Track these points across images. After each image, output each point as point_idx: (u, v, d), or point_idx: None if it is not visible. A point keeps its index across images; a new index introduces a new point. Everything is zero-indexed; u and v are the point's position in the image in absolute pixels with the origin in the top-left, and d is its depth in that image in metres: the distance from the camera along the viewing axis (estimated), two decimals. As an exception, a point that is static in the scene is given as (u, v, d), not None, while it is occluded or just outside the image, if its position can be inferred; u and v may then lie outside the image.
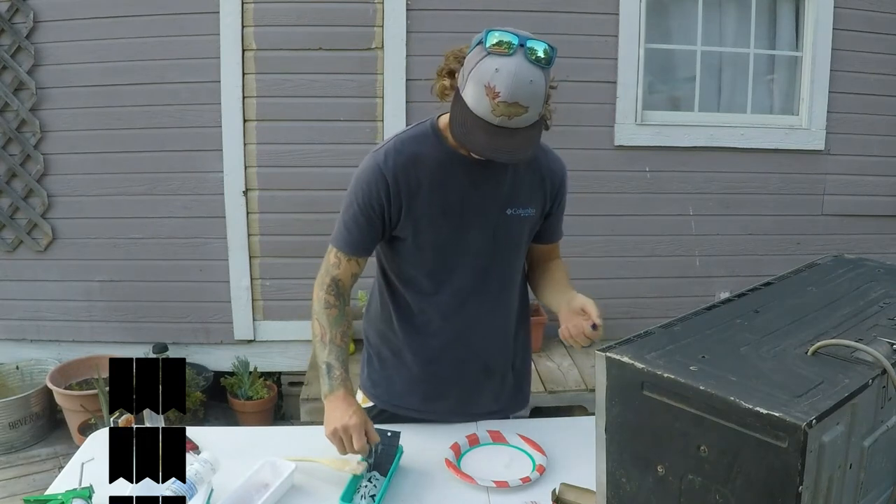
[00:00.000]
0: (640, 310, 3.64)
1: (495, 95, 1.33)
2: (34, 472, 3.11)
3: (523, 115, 1.36)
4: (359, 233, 1.57)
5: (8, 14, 3.23)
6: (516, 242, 1.65)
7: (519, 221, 1.61)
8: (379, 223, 1.56)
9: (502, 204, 1.58)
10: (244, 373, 3.45)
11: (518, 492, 1.48)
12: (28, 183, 3.38)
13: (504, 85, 1.32)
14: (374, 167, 1.53)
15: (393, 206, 1.54)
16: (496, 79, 1.32)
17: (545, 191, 1.63)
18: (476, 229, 1.58)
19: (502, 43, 1.34)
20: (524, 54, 1.34)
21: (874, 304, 1.04)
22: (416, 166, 1.54)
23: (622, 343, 0.93)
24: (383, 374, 1.73)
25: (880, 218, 3.72)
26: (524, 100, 1.34)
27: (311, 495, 1.47)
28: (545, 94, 1.39)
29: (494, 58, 1.34)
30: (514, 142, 1.38)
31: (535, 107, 1.36)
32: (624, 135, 3.49)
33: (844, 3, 3.45)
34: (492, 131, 1.36)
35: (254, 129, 3.41)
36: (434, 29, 3.35)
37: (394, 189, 1.53)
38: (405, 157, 1.53)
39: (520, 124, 1.37)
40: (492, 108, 1.34)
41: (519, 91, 1.33)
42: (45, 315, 3.55)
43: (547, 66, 1.38)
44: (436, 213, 1.56)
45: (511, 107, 1.34)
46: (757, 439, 0.76)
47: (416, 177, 1.54)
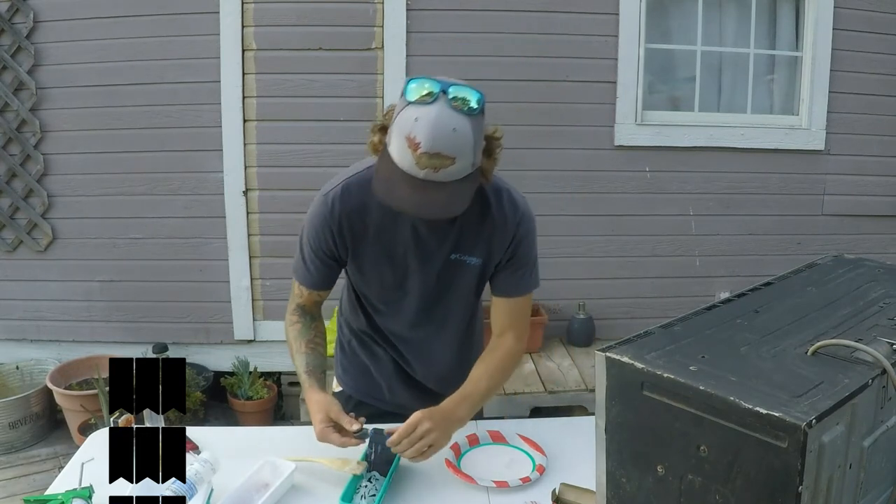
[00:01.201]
0: (640, 310, 3.64)
1: (416, 146, 1.25)
2: (34, 472, 3.11)
3: (450, 168, 1.28)
4: (317, 271, 1.60)
5: (8, 14, 3.23)
6: (459, 287, 1.60)
7: (462, 267, 1.56)
8: (333, 262, 1.59)
9: (447, 250, 1.54)
10: (244, 373, 3.45)
11: (518, 492, 1.48)
12: (28, 183, 3.38)
13: (424, 135, 1.25)
14: (321, 214, 1.53)
15: (340, 251, 1.56)
16: (416, 129, 1.25)
17: (493, 242, 1.54)
18: (419, 273, 1.56)
19: (422, 90, 1.28)
20: (446, 101, 1.27)
21: (874, 304, 1.04)
22: (362, 214, 1.51)
23: (622, 343, 0.93)
24: (353, 362, 1.77)
25: (880, 218, 3.72)
26: (447, 150, 1.26)
27: (311, 495, 1.47)
28: (474, 143, 1.30)
29: (415, 107, 1.27)
30: (440, 196, 1.29)
31: (463, 157, 1.28)
32: (624, 135, 3.49)
33: (844, 3, 3.45)
34: (417, 185, 1.28)
35: (254, 129, 3.40)
36: (434, 29, 3.35)
37: (338, 236, 1.53)
38: (351, 205, 1.51)
39: (447, 178, 1.29)
40: (415, 161, 1.26)
41: (440, 141, 1.25)
42: (45, 315, 3.55)
43: (473, 112, 1.29)
44: (380, 259, 1.55)
45: (434, 158, 1.26)
46: (757, 439, 0.76)
47: (363, 225, 1.52)
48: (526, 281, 1.61)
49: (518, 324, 1.65)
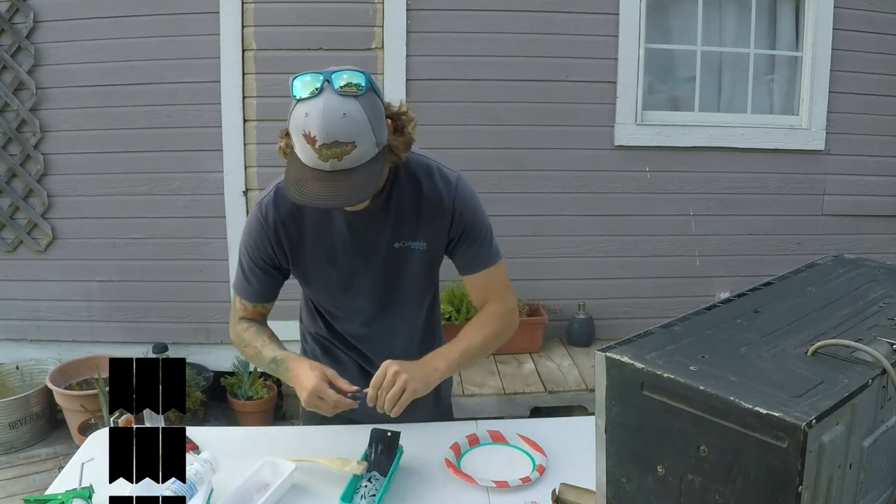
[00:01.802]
0: (640, 310, 3.64)
1: (313, 140, 1.26)
2: (34, 472, 3.11)
3: (353, 153, 1.28)
4: (258, 283, 1.58)
5: (8, 14, 3.23)
6: (409, 275, 1.58)
7: (408, 254, 1.54)
8: (274, 271, 1.57)
9: (388, 239, 1.52)
10: (244, 373, 3.45)
11: (518, 492, 1.48)
12: (28, 183, 3.38)
13: (316, 127, 1.25)
14: (256, 222, 1.52)
15: (280, 258, 1.55)
16: (308, 123, 1.26)
17: (432, 222, 1.52)
18: (365, 268, 1.55)
19: (307, 86, 1.29)
20: (331, 90, 1.28)
21: (874, 304, 1.04)
22: (296, 219, 1.51)
23: (622, 343, 0.93)
24: None
25: (880, 218, 3.72)
26: (343, 136, 1.26)
27: (311, 495, 1.47)
28: (370, 123, 1.29)
29: (303, 103, 1.28)
30: (351, 182, 1.29)
31: (362, 140, 1.28)
32: (624, 135, 3.49)
33: (844, 3, 3.45)
34: (326, 178, 1.28)
35: (254, 129, 3.41)
36: (434, 29, 3.35)
37: (276, 243, 1.52)
38: (285, 209, 1.50)
39: (354, 163, 1.29)
40: (317, 154, 1.27)
41: (334, 129, 1.25)
42: (45, 315, 3.55)
43: (361, 93, 1.29)
44: (321, 262, 1.54)
45: (333, 147, 1.26)
46: (757, 439, 0.76)
47: (298, 229, 1.51)
48: (486, 252, 1.58)
49: (495, 293, 1.63)
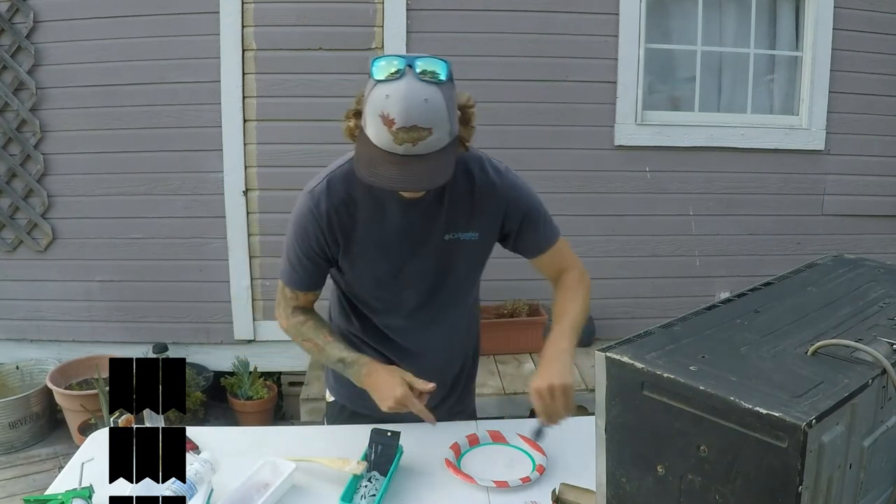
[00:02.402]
0: (640, 310, 3.64)
1: (391, 123, 1.26)
2: (34, 472, 3.11)
3: (428, 139, 1.28)
4: (306, 273, 1.59)
5: (8, 14, 3.23)
6: (461, 266, 1.60)
7: (459, 246, 1.55)
8: (323, 261, 1.58)
9: (440, 231, 1.53)
10: (244, 373, 3.45)
11: (518, 492, 1.48)
12: (28, 183, 3.38)
13: (397, 109, 1.25)
14: (308, 212, 1.51)
15: (331, 248, 1.54)
16: (388, 105, 1.26)
17: (486, 211, 1.54)
18: (415, 259, 1.55)
19: (389, 68, 1.29)
20: (413, 74, 1.28)
21: (874, 304, 1.04)
22: (349, 207, 1.50)
23: (622, 343, 0.93)
24: None
25: (880, 218, 3.72)
26: (423, 121, 1.27)
27: (311, 495, 1.47)
28: (447, 111, 1.31)
29: (384, 85, 1.28)
30: (423, 168, 1.30)
31: (439, 128, 1.29)
32: (624, 135, 3.49)
33: (844, 3, 3.45)
34: (398, 161, 1.29)
35: (254, 129, 3.41)
36: (434, 29, 3.35)
37: (328, 232, 1.52)
38: (339, 199, 1.50)
39: (428, 149, 1.29)
40: (393, 137, 1.27)
41: (413, 112, 1.26)
42: (45, 315, 3.55)
43: (441, 81, 1.30)
44: (371, 250, 1.54)
45: (410, 131, 1.26)
46: (757, 439, 0.76)
47: (351, 218, 1.51)
48: (548, 230, 1.64)
49: (568, 262, 1.71)
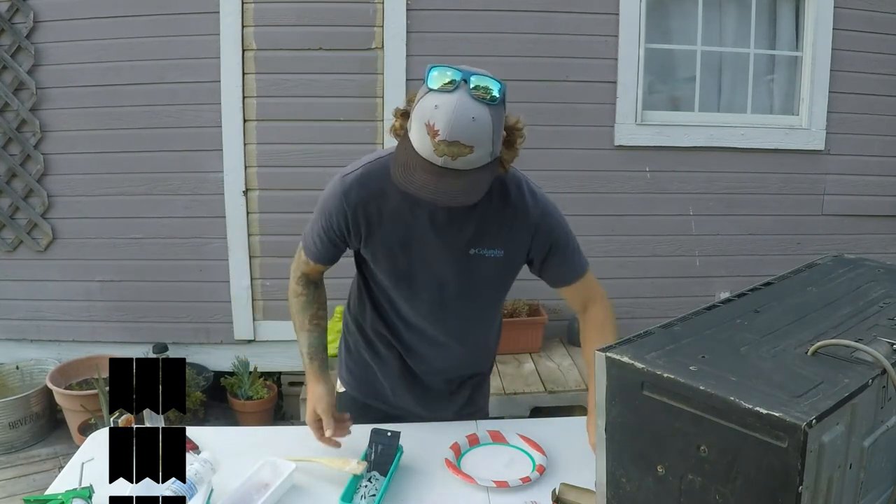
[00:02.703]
0: (640, 310, 3.64)
1: (435, 134, 1.26)
2: (34, 472, 3.11)
3: (468, 156, 1.28)
4: (323, 248, 1.60)
5: (8, 14, 3.23)
6: (481, 282, 1.59)
7: (483, 262, 1.54)
8: (342, 244, 1.59)
9: (465, 244, 1.53)
10: (244, 373, 3.45)
11: (518, 492, 1.48)
12: (28, 183, 3.38)
13: (443, 122, 1.25)
14: (337, 197, 1.51)
15: (353, 236, 1.55)
16: (435, 116, 1.25)
17: (513, 232, 1.54)
18: (436, 266, 1.55)
19: (444, 79, 1.28)
20: (467, 90, 1.27)
21: (874, 304, 1.04)
22: (379, 202, 1.50)
23: (622, 343, 0.93)
24: (358, 363, 1.77)
25: (880, 218, 3.72)
26: (466, 138, 1.26)
27: (311, 495, 1.47)
28: (493, 132, 1.30)
29: (435, 94, 1.28)
30: (458, 183, 1.29)
31: (481, 147, 1.28)
32: (624, 135, 3.49)
33: (844, 3, 3.45)
34: (435, 172, 1.28)
35: (254, 129, 3.41)
36: (434, 29, 3.35)
37: (353, 221, 1.52)
38: (370, 191, 1.50)
39: (466, 166, 1.29)
40: (434, 148, 1.27)
41: (459, 128, 1.25)
42: (45, 315, 3.55)
43: (493, 102, 1.29)
44: (394, 248, 1.55)
45: (453, 146, 1.26)
46: (757, 439, 0.76)
47: (378, 212, 1.51)
48: (577, 262, 1.63)
49: (593, 294, 1.70)
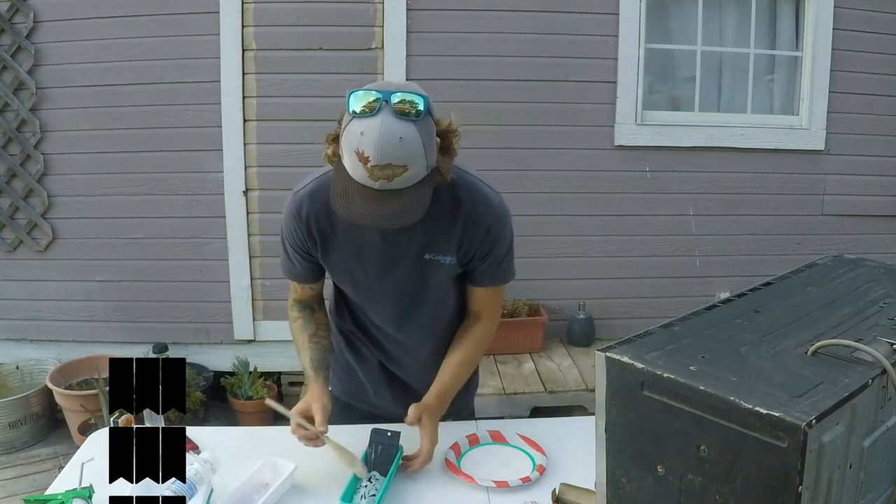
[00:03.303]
0: (640, 310, 3.64)
1: (366, 160, 1.24)
2: (34, 472, 3.11)
3: (404, 175, 1.26)
4: (301, 267, 1.61)
5: (8, 14, 3.23)
6: (438, 285, 1.59)
7: (437, 266, 1.54)
8: (312, 258, 1.59)
9: (418, 250, 1.52)
10: (244, 373, 3.45)
11: (518, 492, 1.48)
12: (28, 183, 3.38)
13: (371, 148, 1.23)
14: (292, 213, 1.53)
15: (311, 249, 1.56)
16: (363, 143, 1.24)
17: (465, 240, 1.51)
18: (391, 275, 1.56)
19: (364, 101, 1.27)
20: (389, 110, 1.26)
21: (874, 304, 1.04)
22: (329, 215, 1.50)
23: (622, 343, 0.93)
24: (340, 363, 1.78)
25: (880, 218, 3.72)
26: (397, 160, 1.24)
27: (311, 495, 1.47)
28: (423, 147, 1.28)
29: (359, 120, 1.26)
30: (399, 204, 1.29)
31: (415, 164, 1.27)
32: (624, 135, 3.49)
33: (844, 3, 3.45)
34: (373, 196, 1.28)
35: (254, 129, 3.41)
36: (434, 29, 3.35)
37: (308, 236, 1.53)
38: (319, 205, 1.49)
39: (403, 184, 1.28)
40: (367, 173, 1.26)
41: (388, 152, 1.24)
42: (45, 315, 3.55)
43: (418, 117, 1.27)
44: (349, 260, 1.55)
45: (386, 169, 1.25)
46: (757, 439, 0.76)
47: (331, 226, 1.51)
48: (505, 270, 1.60)
49: (494, 309, 1.67)
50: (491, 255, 1.55)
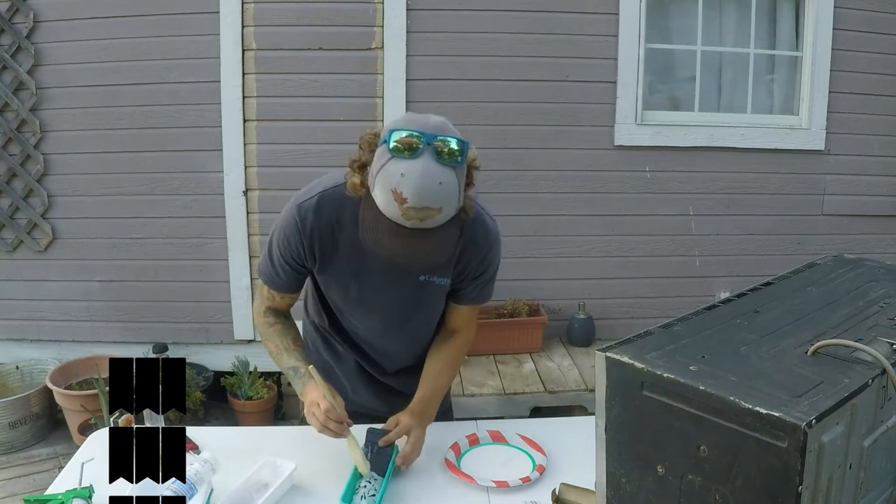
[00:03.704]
0: (640, 310, 3.64)
1: (403, 201, 1.26)
2: (34, 472, 3.11)
3: (436, 217, 1.29)
4: (286, 277, 1.59)
5: (8, 14, 3.23)
6: (431, 305, 1.63)
7: (432, 287, 1.57)
8: (303, 269, 1.58)
9: (416, 272, 1.54)
10: (244, 373, 3.45)
11: (518, 492, 1.48)
12: (28, 183, 3.38)
13: (411, 191, 1.25)
14: (293, 223, 1.51)
15: (308, 261, 1.55)
16: (402, 184, 1.25)
17: (460, 263, 1.56)
18: (384, 294, 1.57)
19: (407, 143, 1.27)
20: (431, 154, 1.27)
21: (874, 304, 1.04)
22: (333, 231, 1.51)
23: (622, 343, 0.93)
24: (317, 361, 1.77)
25: (880, 218, 3.72)
26: (434, 203, 1.27)
27: (311, 495, 1.47)
28: (458, 191, 1.31)
29: (399, 161, 1.26)
30: (429, 243, 1.32)
31: (448, 206, 1.30)
32: (624, 135, 3.49)
33: (844, 3, 3.45)
34: (405, 234, 1.30)
35: (254, 129, 3.41)
36: (434, 29, 3.35)
37: (308, 248, 1.52)
38: (325, 220, 1.49)
39: (434, 224, 1.31)
40: (402, 213, 1.27)
41: (427, 195, 1.25)
42: (45, 315, 3.55)
43: (458, 163, 1.30)
44: (346, 276, 1.56)
45: (421, 211, 1.27)
46: (757, 439, 0.76)
47: (333, 242, 1.52)
48: (488, 290, 1.64)
49: (472, 324, 1.72)
50: (481, 278, 1.59)
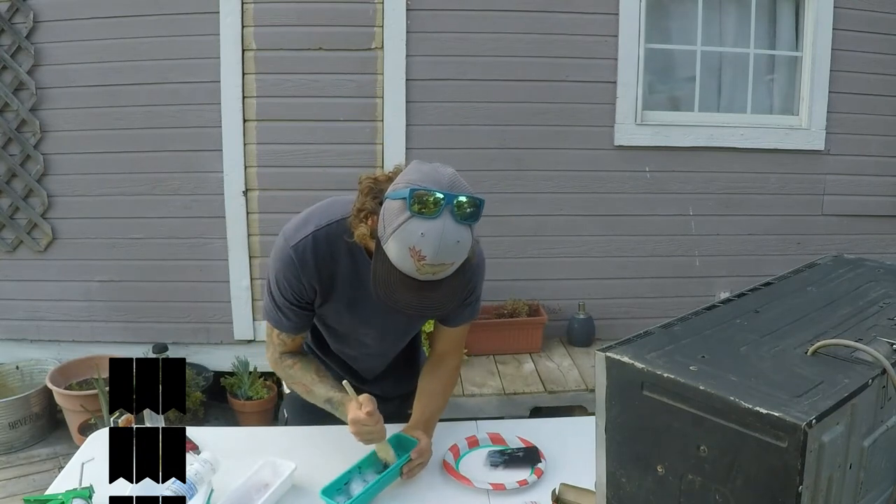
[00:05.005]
0: (640, 310, 3.64)
1: (421, 258, 1.28)
2: (34, 472, 3.11)
3: (448, 269, 1.32)
4: (294, 317, 1.58)
5: (8, 14, 3.23)
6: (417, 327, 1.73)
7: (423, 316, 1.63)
8: (309, 307, 1.58)
9: None
10: (244, 373, 3.45)
11: (518, 492, 1.48)
12: (28, 183, 3.38)
13: (430, 250, 1.27)
14: (288, 261, 1.50)
15: (308, 294, 1.54)
16: (422, 243, 1.27)
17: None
18: (376, 321, 1.59)
19: (428, 204, 1.27)
20: (451, 213, 1.28)
21: (874, 304, 1.04)
22: (331, 267, 1.51)
23: (622, 343, 0.93)
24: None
25: (880, 218, 3.72)
26: (450, 259, 1.30)
27: (311, 495, 1.47)
28: (472, 245, 1.35)
29: (419, 220, 1.27)
30: (440, 294, 1.34)
31: (460, 260, 1.33)
32: (624, 135, 3.49)
33: (844, 3, 3.45)
34: (416, 287, 1.32)
35: (254, 129, 3.40)
36: (434, 29, 3.35)
37: (310, 286, 1.52)
38: (321, 256, 1.50)
39: (445, 275, 1.33)
40: (417, 269, 1.29)
41: (444, 254, 1.28)
42: (44, 315, 3.55)
43: (475, 221, 1.33)
44: (340, 308, 1.57)
45: (436, 266, 1.30)
46: (757, 439, 0.76)
47: (330, 277, 1.52)
48: (472, 311, 1.65)
49: (458, 346, 1.75)
50: (467, 300, 1.59)
